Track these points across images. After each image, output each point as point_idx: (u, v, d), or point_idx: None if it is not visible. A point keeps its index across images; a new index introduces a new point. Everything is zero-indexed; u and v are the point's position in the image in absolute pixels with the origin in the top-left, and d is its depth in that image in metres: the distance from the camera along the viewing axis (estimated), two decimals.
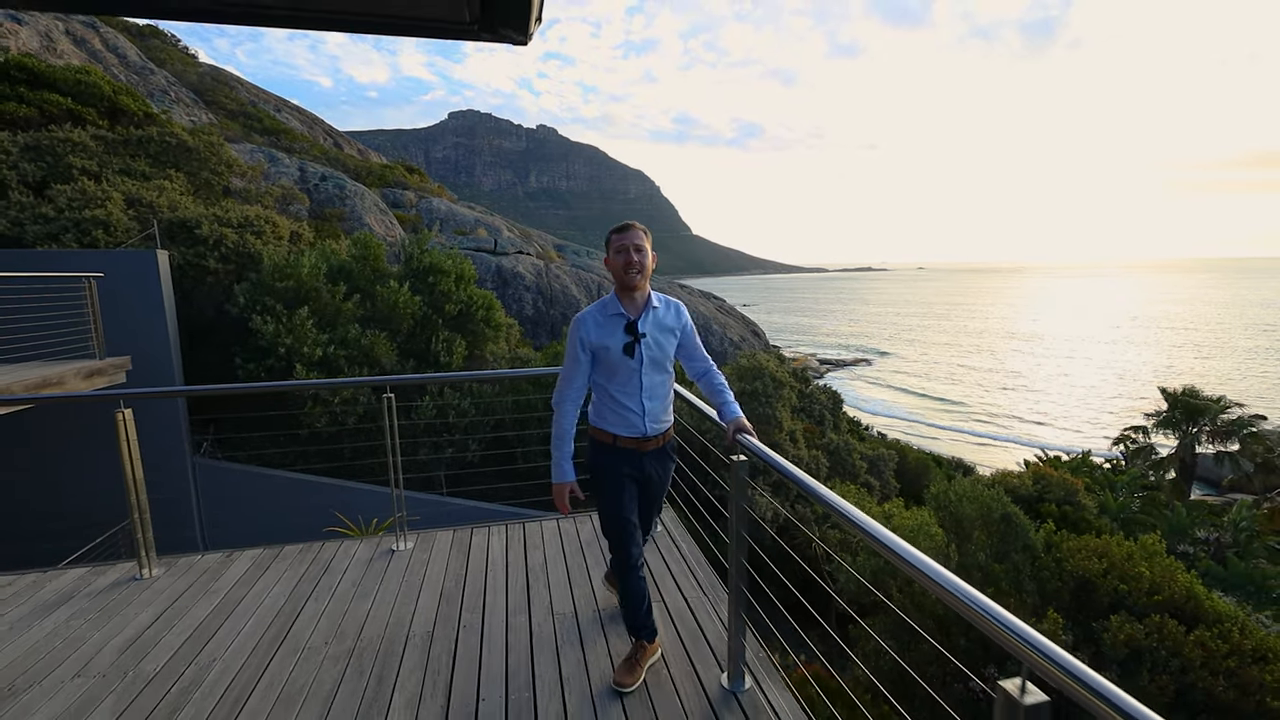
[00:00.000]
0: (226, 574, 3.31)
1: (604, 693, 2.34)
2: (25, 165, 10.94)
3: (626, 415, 2.31)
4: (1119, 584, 6.72)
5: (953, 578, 1.24)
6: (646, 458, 2.37)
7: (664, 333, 2.33)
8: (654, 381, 2.32)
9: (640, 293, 2.31)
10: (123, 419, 3.22)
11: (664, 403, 2.40)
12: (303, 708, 2.28)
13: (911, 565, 1.34)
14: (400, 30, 2.28)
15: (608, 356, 2.27)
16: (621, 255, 2.26)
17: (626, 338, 2.26)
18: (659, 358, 2.32)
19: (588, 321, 2.29)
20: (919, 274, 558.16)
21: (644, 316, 2.29)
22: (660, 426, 2.39)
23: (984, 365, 59.78)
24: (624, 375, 2.28)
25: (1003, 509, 7.17)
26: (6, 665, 2.55)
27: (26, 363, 7.02)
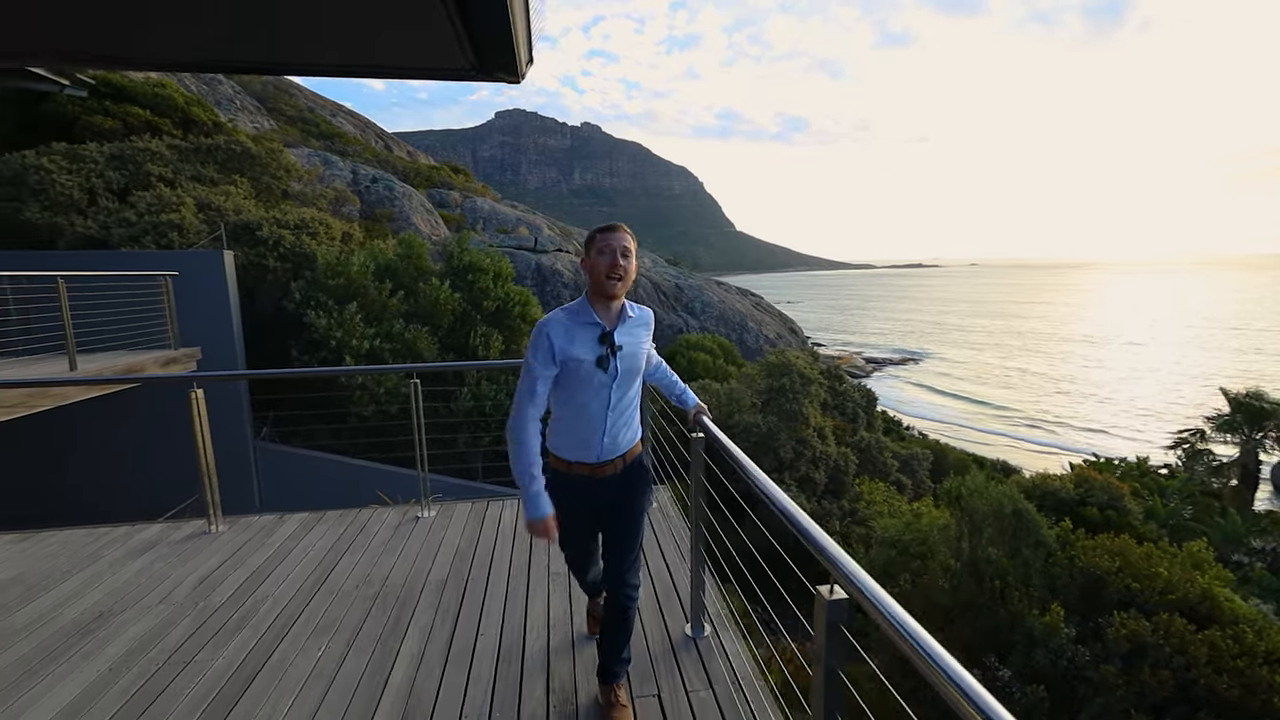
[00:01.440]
0: (279, 531, 3.87)
1: (581, 637, 2.74)
2: (111, 174, 12.09)
3: (586, 436, 2.08)
4: (1131, 582, 6.70)
5: (791, 506, 1.58)
6: (603, 485, 2.14)
7: (639, 344, 2.13)
8: (624, 397, 2.11)
9: (617, 302, 2.07)
10: (195, 398, 3.81)
11: (629, 419, 2.17)
12: (335, 634, 2.77)
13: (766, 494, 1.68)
14: (408, 75, 2.76)
15: (577, 370, 2.00)
16: (606, 257, 1.99)
17: (600, 349, 2.01)
18: (631, 370, 2.09)
19: (557, 328, 1.99)
20: (972, 271, 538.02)
21: (620, 326, 2.07)
22: (620, 448, 2.15)
23: (1039, 368, 57.27)
24: (590, 391, 2.03)
25: (1014, 505, 7.23)
26: (108, 594, 3.14)
27: (114, 352, 7.92)
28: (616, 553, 2.23)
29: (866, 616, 1.31)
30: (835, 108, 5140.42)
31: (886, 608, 1.19)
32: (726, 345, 21.58)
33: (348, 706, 2.31)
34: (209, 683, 2.44)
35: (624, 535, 2.22)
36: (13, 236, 11.08)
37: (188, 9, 2.38)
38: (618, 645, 2.27)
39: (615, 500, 2.18)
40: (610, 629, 2.27)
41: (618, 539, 2.23)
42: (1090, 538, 7.63)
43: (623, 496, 2.19)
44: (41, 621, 2.91)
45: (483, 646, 2.69)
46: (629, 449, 2.19)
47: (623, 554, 2.22)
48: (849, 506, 13.63)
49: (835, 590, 1.36)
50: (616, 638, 2.27)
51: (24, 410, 6.06)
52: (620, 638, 2.27)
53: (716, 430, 2.47)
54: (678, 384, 2.66)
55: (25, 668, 2.57)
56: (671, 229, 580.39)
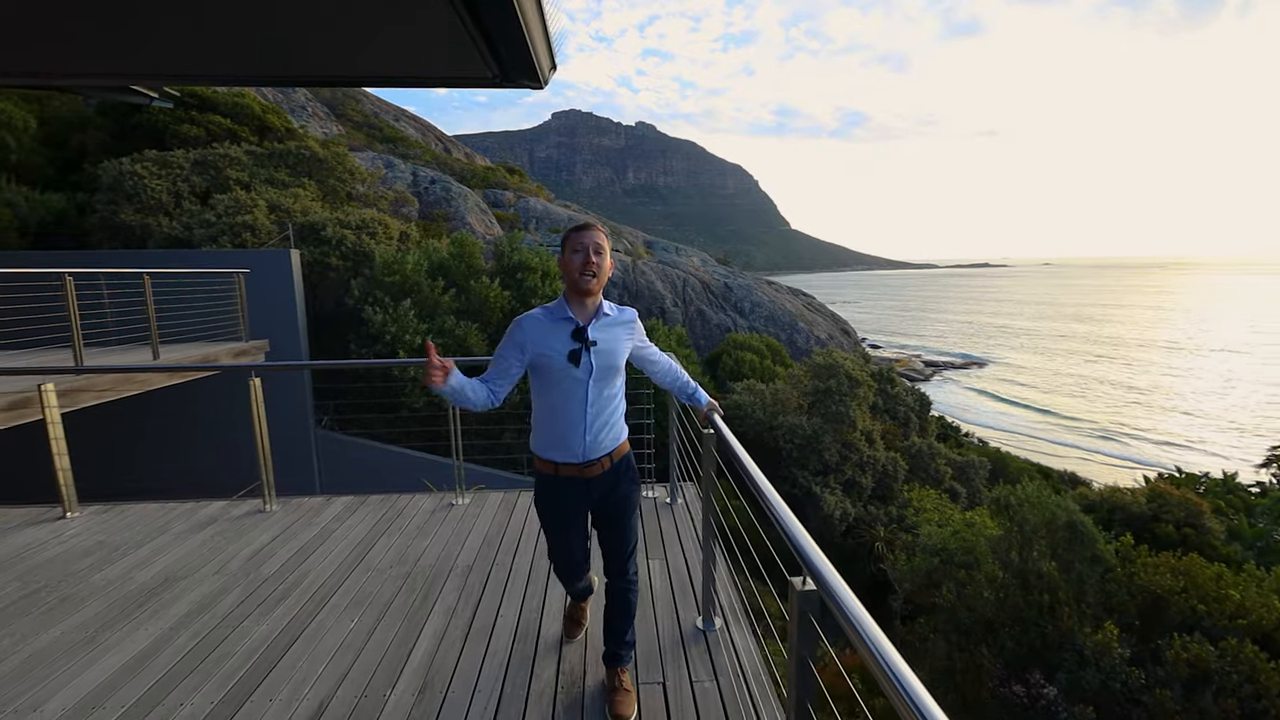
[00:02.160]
0: (325, 512, 4.15)
1: (596, 628, 2.84)
2: (194, 178, 13.06)
3: (566, 436, 2.09)
4: (1196, 604, 6.25)
5: (774, 498, 1.62)
6: (593, 484, 2.15)
7: (616, 342, 2.13)
8: (602, 395, 2.11)
9: (593, 299, 2.11)
10: (254, 386, 4.13)
11: (611, 418, 2.16)
12: (367, 608, 2.97)
13: (755, 484, 1.71)
14: (438, 84, 2.91)
15: (549, 365, 2.04)
16: (579, 255, 2.04)
17: (573, 344, 2.03)
18: (608, 368, 2.10)
19: (531, 323, 2.06)
20: (1045, 270, 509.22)
21: (594, 323, 2.09)
22: (604, 447, 2.14)
23: (1116, 376, 53.34)
24: (567, 387, 2.06)
25: (1068, 517, 6.85)
26: (172, 562, 3.47)
27: (192, 343, 8.58)
28: (611, 548, 2.29)
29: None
30: (898, 102, 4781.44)
31: (844, 600, 1.23)
32: (775, 345, 21.30)
33: (373, 673, 2.48)
34: (253, 644, 2.67)
35: (619, 534, 2.27)
36: (111, 236, 12.15)
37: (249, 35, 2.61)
38: (621, 629, 2.35)
39: (605, 499, 2.21)
40: (613, 616, 2.35)
41: (613, 538, 2.27)
42: (1154, 555, 7.16)
43: (613, 496, 2.21)
44: (117, 583, 3.24)
45: (501, 626, 2.83)
46: (615, 448, 2.19)
47: (618, 549, 2.28)
48: (896, 513, 13.25)
49: (807, 581, 1.40)
50: (620, 623, 2.35)
51: (113, 395, 6.67)
52: (624, 623, 2.35)
53: (724, 428, 2.51)
54: (689, 384, 2.66)
55: (103, 622, 2.88)
56: (725, 228, 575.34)
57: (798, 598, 1.38)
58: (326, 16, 2.41)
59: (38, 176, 13.66)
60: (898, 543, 11.39)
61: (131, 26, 2.22)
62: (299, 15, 2.22)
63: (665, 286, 24.39)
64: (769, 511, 1.63)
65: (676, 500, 4.23)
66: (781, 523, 1.54)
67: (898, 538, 11.62)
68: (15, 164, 13.47)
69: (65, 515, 4.15)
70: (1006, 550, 7.08)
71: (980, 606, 6.69)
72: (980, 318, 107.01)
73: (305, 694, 2.36)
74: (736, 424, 13.90)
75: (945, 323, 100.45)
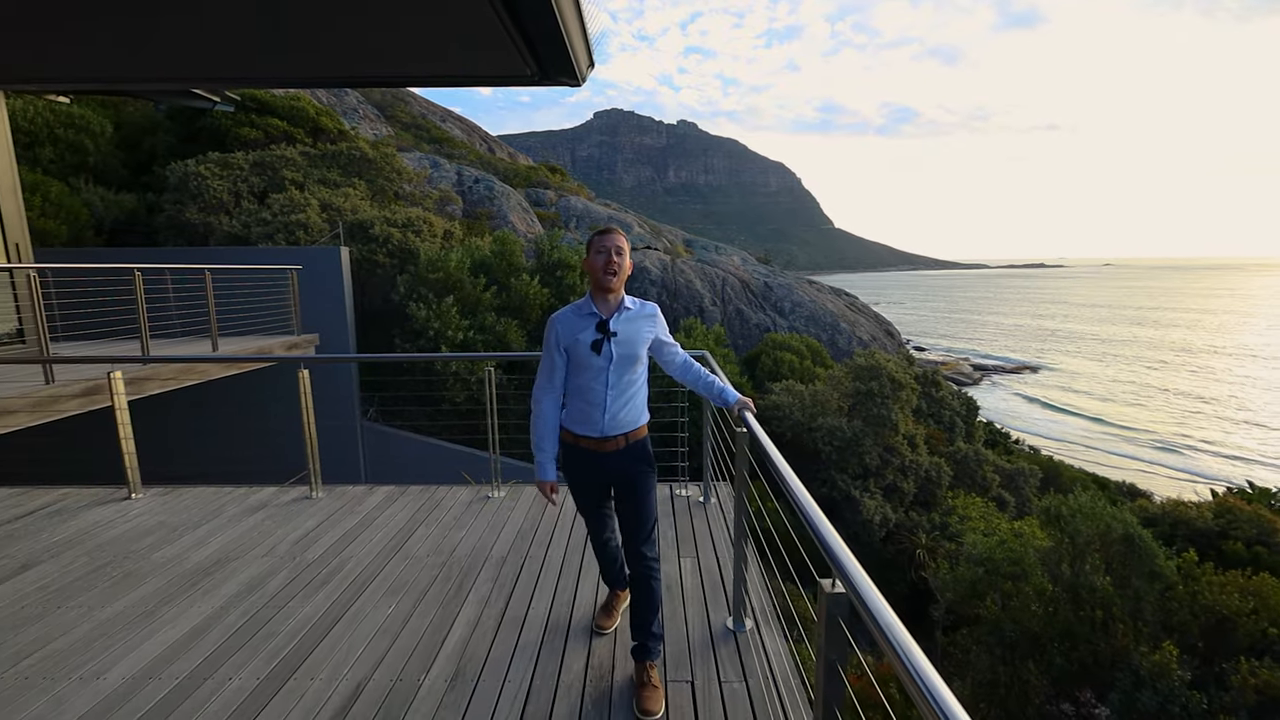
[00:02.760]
0: (367, 500, 4.29)
1: (627, 623, 2.84)
2: (253, 179, 13.66)
3: (589, 412, 2.33)
4: (1268, 627, 5.84)
5: (805, 498, 1.59)
6: (608, 459, 2.36)
7: (635, 334, 2.35)
8: (622, 380, 2.34)
9: (615, 295, 2.35)
10: (302, 378, 4.29)
11: (631, 403, 2.37)
12: (404, 595, 3.05)
13: (786, 484, 1.68)
14: (477, 83, 2.95)
15: (578, 353, 2.31)
16: (601, 256, 2.29)
17: (596, 335, 2.30)
18: (627, 356, 2.33)
19: (562, 320, 2.35)
20: (1105, 271, 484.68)
21: (616, 316, 2.33)
22: (621, 427, 2.36)
23: (1182, 385, 50.11)
24: (592, 372, 2.31)
25: (1125, 529, 6.49)
26: (224, 544, 3.64)
27: (248, 335, 8.99)
28: (629, 528, 2.44)
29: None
30: (949, 96, 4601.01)
31: (874, 605, 1.19)
32: (815, 346, 20.92)
33: (408, 659, 2.55)
34: (296, 625, 2.78)
35: (633, 511, 2.41)
36: (177, 234, 12.83)
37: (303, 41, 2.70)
38: (647, 620, 2.39)
39: (620, 477, 2.39)
40: (637, 603, 2.41)
41: (628, 515, 2.43)
42: (1220, 573, 6.73)
43: (627, 474, 2.39)
44: (175, 561, 3.42)
45: (533, 617, 2.86)
46: (632, 430, 2.39)
47: (635, 528, 2.41)
48: (939, 520, 12.85)
49: (836, 584, 1.36)
50: (644, 612, 2.39)
51: (175, 384, 7.04)
52: (647, 611, 2.39)
53: (757, 426, 2.48)
54: (715, 383, 2.66)
55: (161, 597, 3.04)
56: (766, 226, 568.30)
57: (827, 600, 1.35)
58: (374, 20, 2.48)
59: (113, 178, 14.53)
60: (940, 551, 11.05)
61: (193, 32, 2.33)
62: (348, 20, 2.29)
63: (704, 285, 24.24)
64: (799, 511, 1.61)
65: (710, 499, 4.20)
66: (811, 523, 1.51)
67: (940, 546, 11.27)
68: (93, 166, 14.36)
69: (130, 496, 4.40)
70: (1057, 562, 6.77)
71: (1027, 620, 6.41)
72: (1033, 321, 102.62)
73: (344, 675, 2.44)
74: (774, 425, 13.72)
75: (996, 326, 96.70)
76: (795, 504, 1.64)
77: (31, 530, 3.86)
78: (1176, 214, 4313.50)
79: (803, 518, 1.57)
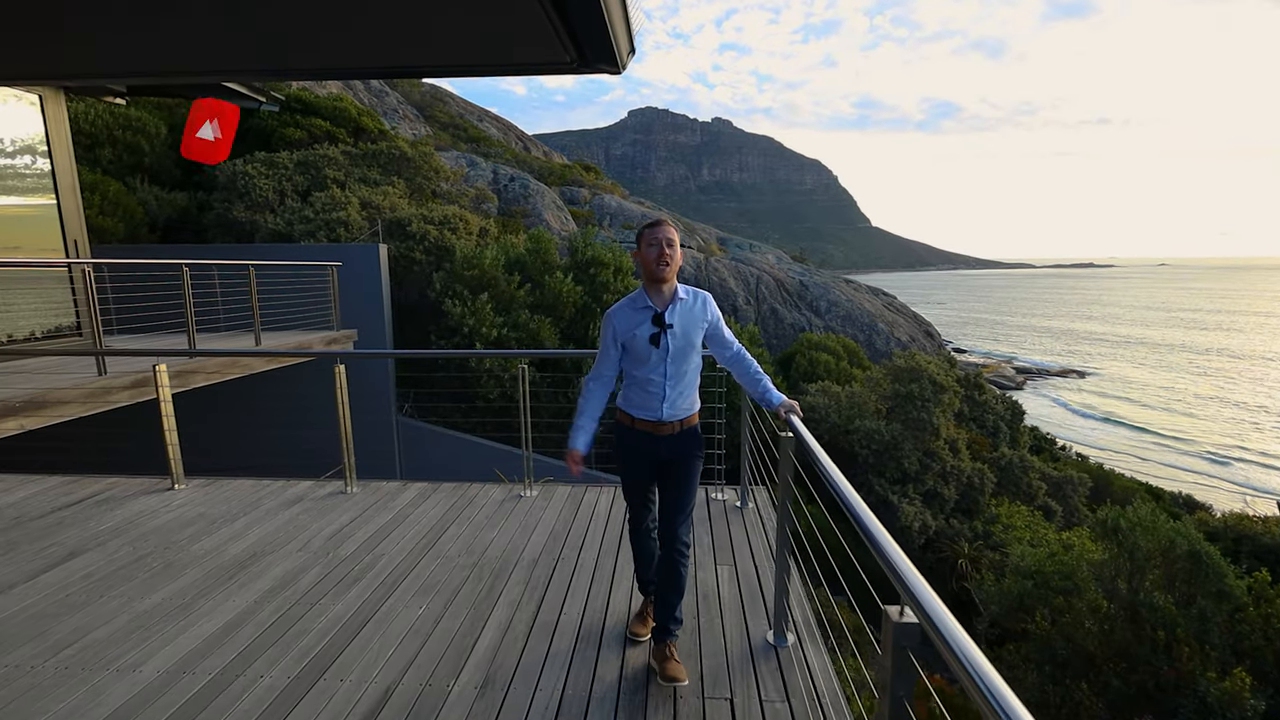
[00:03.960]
0: (401, 497, 4.28)
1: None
2: (297, 177, 13.98)
3: (647, 400, 2.40)
4: None
5: (867, 516, 1.44)
6: (662, 441, 2.43)
7: (690, 324, 2.39)
8: (679, 370, 2.39)
9: (668, 285, 2.37)
10: (338, 373, 4.30)
11: (686, 390, 2.44)
12: (435, 595, 3.00)
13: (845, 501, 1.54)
14: (513, 72, 2.86)
15: (637, 346, 2.36)
16: (654, 249, 2.31)
17: (653, 329, 2.33)
18: (684, 347, 2.37)
19: (619, 314, 2.41)
20: (1159, 271, 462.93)
21: (670, 309, 2.36)
22: (679, 413, 2.43)
23: (1239, 394, 47.27)
24: (650, 364, 2.36)
25: (1190, 545, 6.06)
26: (261, 537, 3.66)
27: (290, 331, 9.17)
28: (670, 508, 2.46)
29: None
30: (993, 90, 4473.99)
31: (956, 640, 1.05)
32: (852, 346, 20.45)
33: (438, 663, 2.49)
34: (328, 624, 2.75)
35: (678, 492, 2.45)
36: (225, 231, 13.23)
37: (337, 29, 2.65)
38: (671, 602, 2.43)
39: (672, 459, 2.45)
40: (662, 585, 2.44)
41: (672, 496, 2.46)
42: None
43: (678, 456, 2.45)
44: (213, 553, 3.45)
45: (564, 624, 2.77)
46: (687, 416, 2.46)
47: (675, 510, 2.45)
48: (982, 528, 12.37)
49: (905, 613, 1.22)
50: (668, 593, 2.43)
51: (220, 377, 7.21)
52: (673, 595, 2.43)
53: (805, 432, 2.34)
54: (761, 380, 2.62)
55: (199, 590, 3.06)
56: (802, 225, 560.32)
57: (895, 631, 1.21)
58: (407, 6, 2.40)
59: (166, 178, 15.08)
60: (984, 561, 10.63)
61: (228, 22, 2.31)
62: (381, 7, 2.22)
63: (738, 284, 23.96)
64: (861, 529, 1.46)
65: (747, 504, 4.06)
66: (876, 544, 1.37)
67: (984, 555, 10.84)
68: (148, 166, 14.92)
69: (174, 487, 4.49)
70: (1113, 578, 6.38)
71: (1080, 637, 6.06)
72: (1081, 324, 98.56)
73: (373, 677, 2.40)
74: (810, 427, 13.41)
75: (1040, 328, 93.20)
76: (855, 521, 1.50)
77: (80, 518, 3.96)
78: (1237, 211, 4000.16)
79: (864, 536, 1.43)
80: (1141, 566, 6.14)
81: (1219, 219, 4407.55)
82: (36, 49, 2.91)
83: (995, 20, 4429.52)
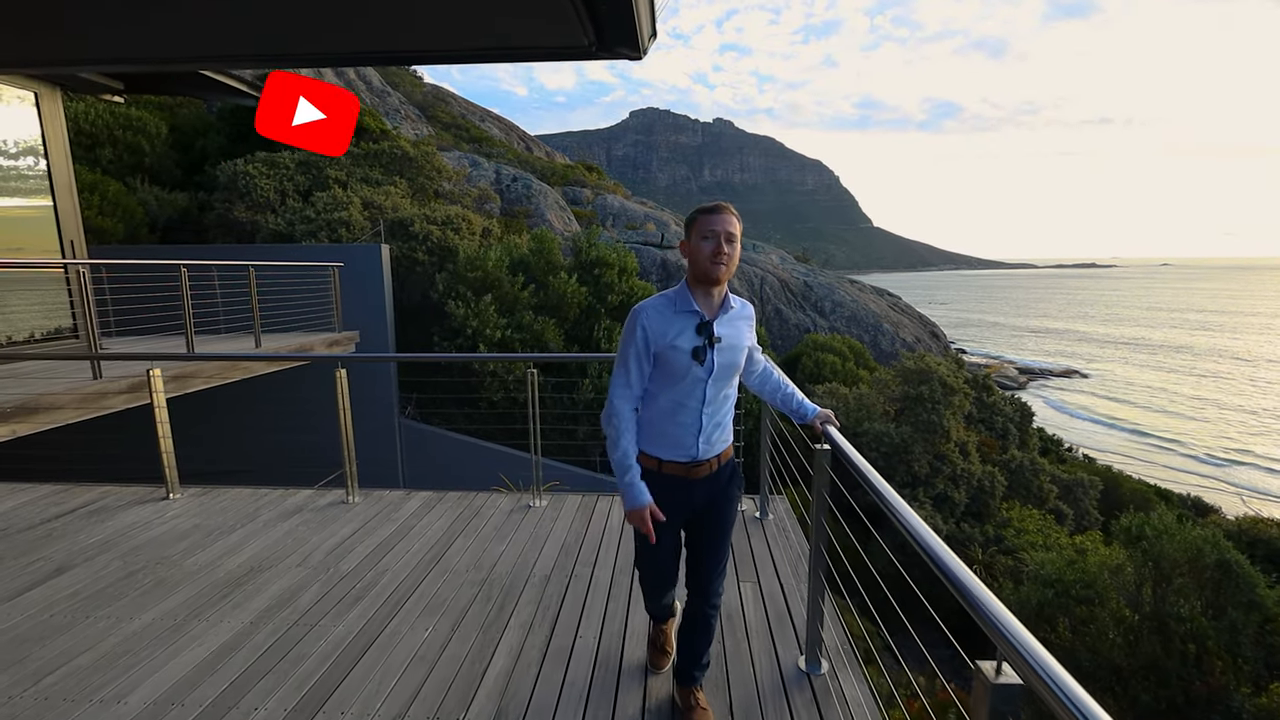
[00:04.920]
0: (404, 507, 4.10)
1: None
2: (298, 177, 13.83)
3: (679, 434, 1.91)
4: None
5: (951, 559, 1.26)
6: (697, 486, 1.97)
7: (739, 338, 1.96)
8: (719, 394, 1.93)
9: (720, 289, 1.90)
10: (340, 377, 4.13)
11: (724, 420, 2.00)
12: (442, 616, 2.82)
13: (919, 540, 1.36)
14: (526, 58, 2.67)
15: (672, 360, 1.84)
16: (710, 242, 1.81)
17: (698, 340, 1.84)
18: (730, 366, 1.92)
19: (652, 315, 1.85)
20: (1163, 271, 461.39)
21: (721, 317, 1.90)
22: (715, 448, 1.98)
23: (1242, 396, 46.65)
24: (687, 385, 1.87)
25: (1218, 555, 5.87)
26: (258, 550, 3.48)
27: (291, 332, 9.00)
28: (705, 561, 2.07)
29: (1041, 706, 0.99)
30: (994, 90, 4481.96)
31: (1082, 707, 0.87)
32: (858, 348, 20.24)
33: (446, 692, 2.31)
34: (327, 649, 2.57)
35: (713, 542, 2.07)
36: (226, 232, 13.08)
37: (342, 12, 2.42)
38: (698, 651, 2.15)
39: (708, 505, 2.02)
40: (690, 636, 2.15)
41: (707, 546, 2.06)
42: None
43: (716, 501, 2.03)
44: (208, 569, 3.28)
45: (580, 648, 2.59)
46: (723, 450, 2.02)
47: (711, 564, 2.07)
48: (994, 533, 12.17)
49: (1003, 670, 1.04)
50: (697, 643, 2.14)
51: (220, 380, 7.05)
52: (701, 644, 2.14)
53: (847, 445, 2.15)
54: (794, 395, 2.35)
55: (190, 610, 2.88)
56: (804, 225, 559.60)
57: (992, 693, 1.03)
58: None
59: (167, 177, 14.93)
60: (998, 566, 10.43)
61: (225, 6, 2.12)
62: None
63: (742, 284, 23.76)
64: (942, 572, 1.27)
65: (767, 515, 3.88)
66: (963, 590, 1.17)
67: (997, 561, 10.64)
68: (148, 166, 14.78)
69: (169, 496, 4.32)
70: (1137, 587, 6.19)
71: (1105, 650, 5.87)
72: (1082, 324, 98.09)
73: (376, 709, 2.22)
74: None
75: (1043, 328, 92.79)
76: (933, 561, 1.31)
77: (70, 530, 3.78)
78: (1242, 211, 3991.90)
79: (947, 580, 1.24)
80: (1168, 575, 5.95)
81: (1223, 219, 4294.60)
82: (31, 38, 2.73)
83: (996, 20, 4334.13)
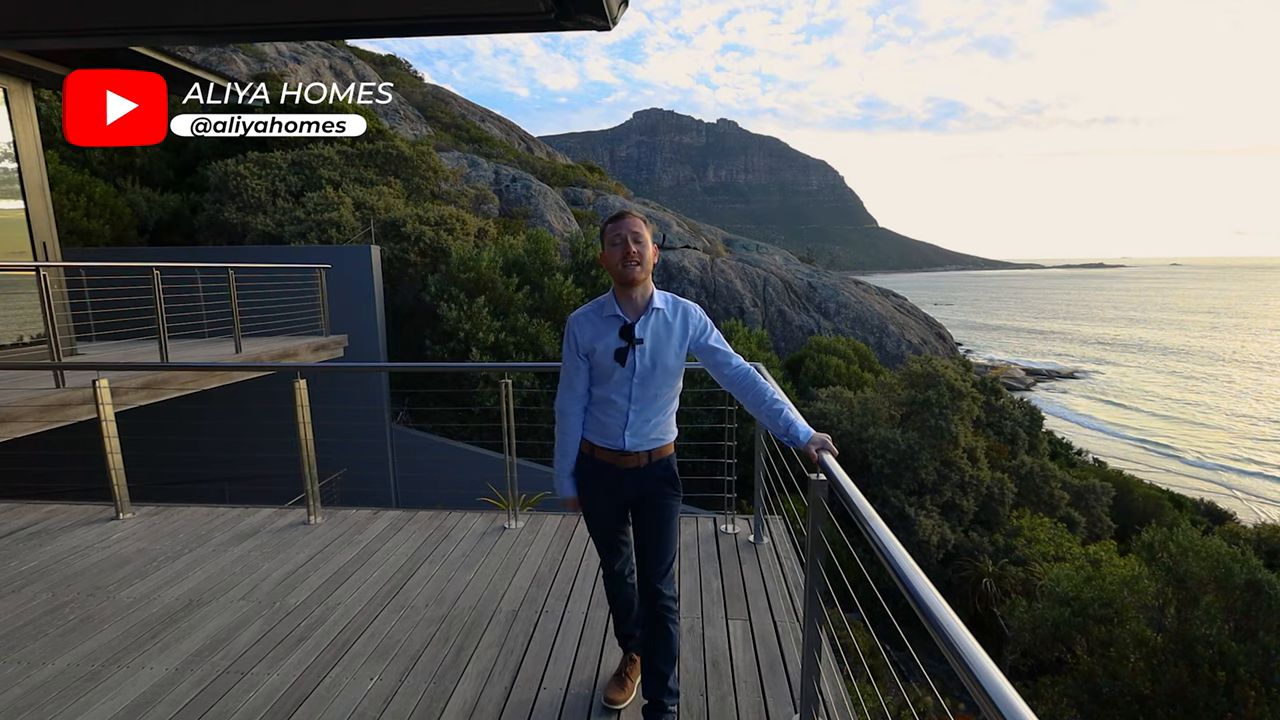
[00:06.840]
0: (369, 529, 3.79)
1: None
2: (290, 178, 13.58)
3: (609, 424, 2.04)
4: None
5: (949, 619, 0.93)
6: (626, 476, 2.06)
7: (667, 340, 2.01)
8: (648, 394, 2.02)
9: (640, 289, 1.99)
10: (298, 388, 3.83)
11: (655, 418, 2.06)
12: (391, 662, 2.50)
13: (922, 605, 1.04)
14: (479, 28, 2.32)
15: (599, 362, 2.00)
16: (618, 247, 1.94)
17: (620, 343, 1.97)
18: (656, 367, 2.00)
19: (581, 322, 2.04)
20: (1172, 271, 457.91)
21: (643, 320, 1.99)
22: (644, 444, 2.05)
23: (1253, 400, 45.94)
24: (615, 383, 2.01)
25: (1248, 574, 5.49)
26: (201, 580, 3.18)
27: (274, 337, 8.72)
28: (645, 559, 2.11)
29: None
30: (999, 89, 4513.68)
31: None
32: (862, 350, 19.87)
33: None
34: (255, 704, 2.25)
35: (651, 539, 2.10)
36: (216, 233, 12.84)
37: None
38: (663, 671, 2.06)
39: (638, 497, 2.09)
40: (651, 650, 2.08)
41: (644, 543, 2.11)
42: None
43: (646, 496, 2.09)
44: (142, 602, 2.97)
45: (544, 702, 2.28)
46: (655, 448, 2.08)
47: (653, 561, 2.10)
48: (1004, 542, 11.79)
49: None
50: (660, 661, 2.06)
51: (195, 387, 6.76)
52: (664, 662, 2.06)
53: (846, 480, 1.81)
54: (784, 411, 2.02)
55: (111, 653, 2.57)
56: (807, 225, 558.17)
57: None
58: None
59: (159, 178, 14.74)
60: (1008, 579, 10.05)
61: None
62: None
63: (744, 286, 23.42)
64: (954, 654, 0.95)
65: (762, 539, 3.55)
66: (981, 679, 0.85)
67: (1007, 573, 10.26)
68: (140, 167, 14.59)
69: (118, 516, 4.02)
70: (1160, 607, 5.83)
71: (1126, 674, 5.50)
72: (1090, 326, 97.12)
73: None
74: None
75: (1048, 330, 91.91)
76: (936, 632, 0.99)
77: (3, 555, 3.49)
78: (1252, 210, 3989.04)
79: (951, 656, 0.92)
80: (1194, 596, 5.58)
81: (1233, 218, 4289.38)
82: None
83: (1000, 18, 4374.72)
